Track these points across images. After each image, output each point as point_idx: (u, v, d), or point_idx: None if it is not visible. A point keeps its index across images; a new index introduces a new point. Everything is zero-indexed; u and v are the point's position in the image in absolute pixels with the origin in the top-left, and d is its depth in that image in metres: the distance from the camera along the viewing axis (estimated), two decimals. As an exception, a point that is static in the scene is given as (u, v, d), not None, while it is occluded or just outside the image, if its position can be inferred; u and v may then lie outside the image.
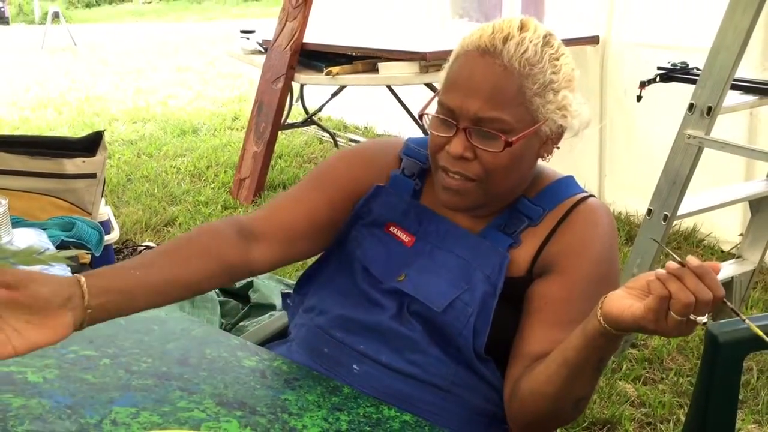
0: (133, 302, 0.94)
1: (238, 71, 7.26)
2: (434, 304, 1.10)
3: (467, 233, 1.13)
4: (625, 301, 0.89)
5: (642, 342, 2.50)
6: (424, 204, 1.17)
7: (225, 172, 4.28)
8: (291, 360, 1.12)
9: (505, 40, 1.03)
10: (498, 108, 1.02)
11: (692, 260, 0.84)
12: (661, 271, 0.85)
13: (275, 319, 1.39)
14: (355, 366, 1.12)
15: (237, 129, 5.38)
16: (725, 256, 2.95)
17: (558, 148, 1.11)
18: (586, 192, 1.16)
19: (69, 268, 1.46)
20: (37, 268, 1.42)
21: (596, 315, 0.91)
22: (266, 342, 1.27)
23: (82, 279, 0.88)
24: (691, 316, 0.84)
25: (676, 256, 0.87)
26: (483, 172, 1.05)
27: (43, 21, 11.48)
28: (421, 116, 1.10)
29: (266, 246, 1.11)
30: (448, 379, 1.11)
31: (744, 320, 0.91)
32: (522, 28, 1.04)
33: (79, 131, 5.25)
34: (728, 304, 0.88)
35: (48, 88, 6.99)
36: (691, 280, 0.83)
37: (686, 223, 3.24)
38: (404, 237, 1.15)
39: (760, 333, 0.91)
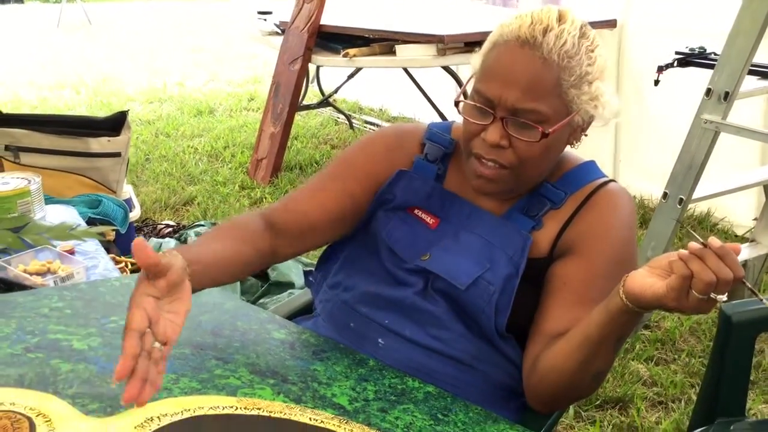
0: (207, 276, 1.00)
1: (253, 52, 7.29)
2: (458, 281, 1.13)
3: (491, 216, 1.17)
4: (647, 279, 0.92)
5: (655, 323, 2.54)
6: (447, 188, 1.20)
7: (242, 152, 4.33)
8: (318, 333, 1.17)
9: (545, 31, 1.04)
10: (536, 99, 1.04)
11: (714, 241, 0.87)
12: (683, 252, 0.88)
13: (299, 296, 1.43)
14: (380, 340, 1.16)
15: (253, 110, 5.41)
16: (739, 240, 2.97)
17: (586, 135, 1.14)
18: (607, 177, 1.19)
19: (98, 245, 1.52)
20: (70, 243, 1.48)
21: (619, 293, 0.94)
22: (291, 317, 1.32)
23: (176, 252, 0.93)
24: (711, 295, 0.87)
25: (698, 237, 0.90)
26: (517, 160, 1.08)
27: (56, 0, 11.52)
28: (457, 103, 1.12)
29: (285, 238, 1.17)
30: (469, 354, 1.15)
31: (761, 300, 0.94)
32: (560, 19, 1.06)
33: (96, 111, 5.31)
34: (746, 284, 0.91)
35: (64, 68, 7.04)
36: (712, 260, 0.86)
37: (700, 207, 3.26)
38: (428, 219, 1.19)
39: (765, 300, 0.94)
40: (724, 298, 0.87)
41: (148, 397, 0.81)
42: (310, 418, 0.91)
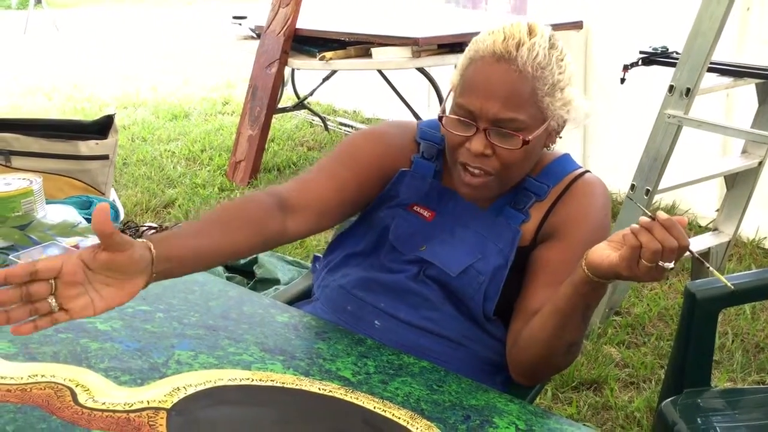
0: (184, 269, 1.01)
1: (223, 57, 7.32)
2: (450, 269, 1.22)
3: (483, 211, 1.26)
4: (604, 251, 1.02)
5: (625, 310, 2.67)
6: (444, 184, 1.29)
7: (219, 155, 4.38)
8: (318, 317, 1.26)
9: (518, 46, 1.13)
10: (515, 109, 1.13)
11: (661, 215, 0.97)
12: (635, 225, 0.98)
13: (296, 283, 1.52)
14: (376, 321, 1.25)
15: (228, 113, 5.46)
16: (703, 230, 3.11)
17: (561, 137, 1.24)
18: (583, 168, 1.30)
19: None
20: (74, 240, 1.54)
21: (581, 265, 1.04)
22: (290, 303, 1.40)
23: (152, 246, 0.93)
24: (660, 263, 0.96)
25: (647, 212, 1.01)
26: (500, 166, 1.17)
27: (20, 6, 11.38)
28: (440, 118, 1.20)
29: (300, 217, 1.19)
30: (460, 334, 1.24)
31: (709, 266, 1.05)
32: (530, 32, 1.15)
33: (70, 117, 5.31)
34: (693, 253, 1.01)
35: (35, 75, 7.00)
36: (659, 232, 0.95)
37: (666, 200, 3.40)
38: (425, 213, 1.27)
39: (725, 280, 1.06)
40: (671, 265, 0.97)
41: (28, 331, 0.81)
42: (318, 388, 0.99)
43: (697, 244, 2.54)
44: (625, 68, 2.43)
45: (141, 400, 0.86)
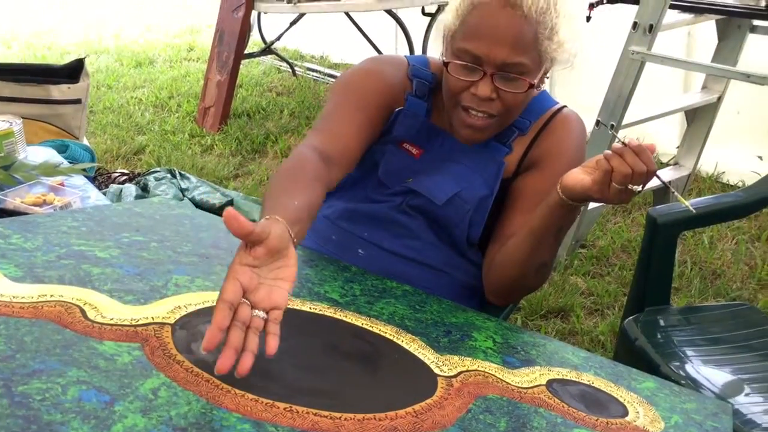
0: (304, 227, 1.00)
1: (187, 2, 7.18)
2: (436, 198, 1.28)
3: (468, 146, 1.30)
4: (578, 175, 1.09)
5: (591, 243, 2.78)
6: (433, 122, 1.33)
7: (188, 101, 4.36)
8: (304, 246, 1.31)
9: None
10: (521, 54, 1.17)
11: (632, 141, 1.04)
12: (607, 151, 1.04)
13: (279, 218, 1.57)
14: (360, 250, 1.31)
15: (194, 60, 5.40)
16: (664, 166, 3.22)
17: (548, 77, 1.28)
18: (560, 103, 1.36)
19: (87, 179, 1.61)
20: (59, 178, 1.58)
21: (557, 188, 1.11)
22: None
23: (277, 216, 0.92)
24: (629, 186, 1.03)
25: (620, 138, 1.08)
26: (503, 109, 1.22)
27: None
28: (446, 64, 1.22)
29: (338, 168, 1.21)
30: (440, 261, 1.31)
31: (669, 186, 1.13)
32: None
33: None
34: (659, 177, 1.09)
35: (-10, 22, 6.80)
36: (629, 157, 1.02)
37: (630, 136, 3.49)
38: (413, 150, 1.32)
39: (687, 203, 1.14)
40: (638, 188, 1.04)
41: (248, 366, 0.79)
42: (309, 308, 1.06)
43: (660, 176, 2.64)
44: (591, 6, 2.48)
45: (146, 316, 0.92)
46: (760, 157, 3.18)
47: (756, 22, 2.45)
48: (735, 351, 1.52)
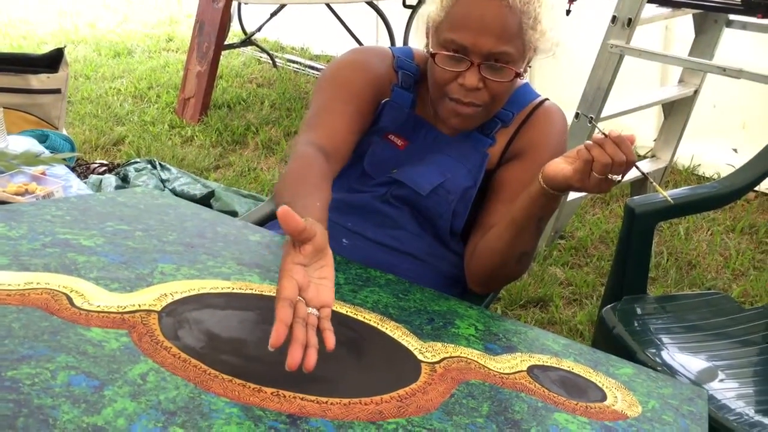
0: (325, 225, 1.01)
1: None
2: (420, 188, 1.30)
3: (452, 138, 1.33)
4: (560, 165, 1.11)
5: (569, 234, 2.81)
6: (418, 114, 1.35)
7: (167, 92, 4.33)
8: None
9: None
10: (506, 44, 1.19)
11: (612, 132, 1.06)
12: (588, 141, 1.07)
13: (263, 206, 1.58)
14: (344, 240, 1.32)
15: (173, 50, 5.36)
16: (641, 159, 3.26)
17: (530, 67, 1.30)
18: (542, 96, 1.38)
19: (68, 169, 1.61)
20: (41, 168, 1.57)
21: (538, 178, 1.13)
22: (258, 225, 1.46)
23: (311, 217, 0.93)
24: (609, 176, 1.06)
25: (600, 128, 1.10)
26: (489, 98, 1.24)
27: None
28: (432, 55, 1.23)
29: (336, 163, 1.23)
30: (423, 251, 1.33)
31: (652, 182, 1.16)
32: None
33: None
34: (638, 168, 1.11)
35: (-36, 11, 6.69)
36: (610, 147, 1.04)
37: (608, 129, 3.53)
38: (398, 141, 1.33)
39: (665, 193, 1.17)
40: (618, 178, 1.07)
41: (314, 361, 0.81)
42: (295, 296, 1.07)
43: (636, 169, 2.68)
44: (571, 0, 2.50)
45: (132, 303, 0.92)
46: (735, 150, 3.23)
47: (732, 17, 2.49)
48: (710, 338, 1.55)
